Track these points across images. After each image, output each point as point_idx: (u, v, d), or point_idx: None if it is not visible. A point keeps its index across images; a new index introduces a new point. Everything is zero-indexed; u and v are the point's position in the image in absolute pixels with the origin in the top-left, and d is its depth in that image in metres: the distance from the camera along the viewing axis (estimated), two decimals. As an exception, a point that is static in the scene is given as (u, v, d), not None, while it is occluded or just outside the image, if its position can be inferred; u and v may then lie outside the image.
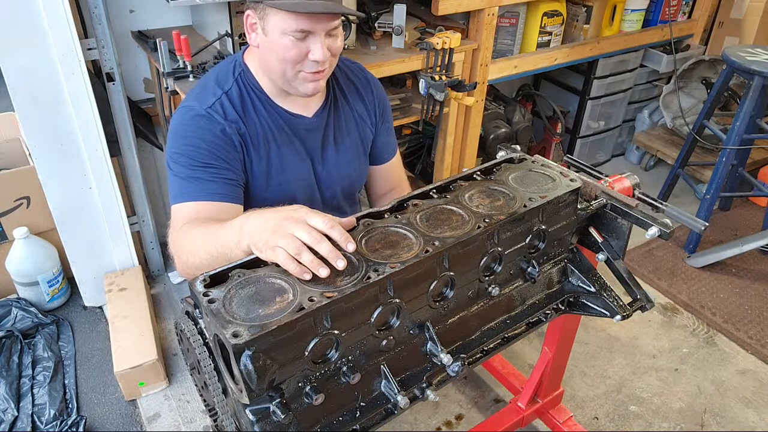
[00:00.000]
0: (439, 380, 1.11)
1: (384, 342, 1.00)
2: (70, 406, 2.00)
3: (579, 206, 1.25)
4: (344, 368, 0.95)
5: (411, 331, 1.05)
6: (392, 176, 1.70)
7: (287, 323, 0.83)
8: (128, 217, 2.31)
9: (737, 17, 3.41)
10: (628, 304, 1.30)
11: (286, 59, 1.27)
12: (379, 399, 1.04)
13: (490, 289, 1.16)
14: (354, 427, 1.02)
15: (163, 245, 2.58)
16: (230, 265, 0.95)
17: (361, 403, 1.03)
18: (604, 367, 2.21)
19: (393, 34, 2.28)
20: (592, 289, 1.33)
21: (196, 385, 1.07)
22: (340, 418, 1.01)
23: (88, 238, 2.26)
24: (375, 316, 0.95)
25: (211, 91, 1.36)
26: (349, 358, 0.96)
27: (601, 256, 1.30)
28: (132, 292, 2.29)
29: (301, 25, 1.22)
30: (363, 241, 1.01)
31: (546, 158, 1.34)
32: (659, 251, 2.85)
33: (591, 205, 1.27)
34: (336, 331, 0.90)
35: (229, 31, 1.98)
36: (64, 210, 2.15)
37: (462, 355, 1.11)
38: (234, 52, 2.01)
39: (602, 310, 1.31)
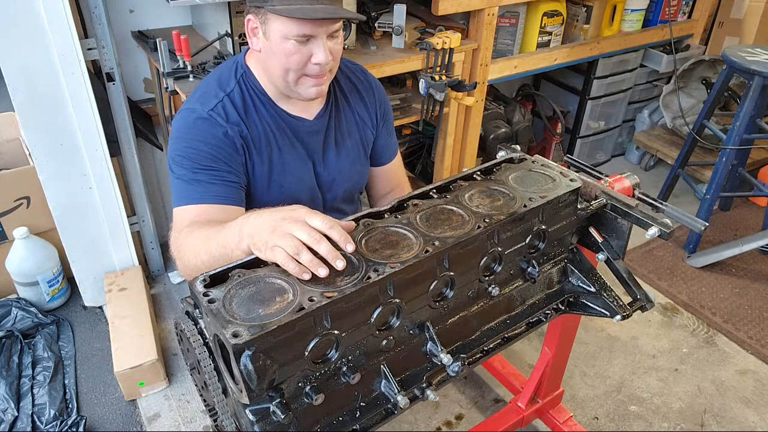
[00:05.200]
0: (439, 380, 1.11)
1: (384, 342, 1.00)
2: (70, 406, 2.00)
3: (579, 206, 1.25)
4: (344, 368, 0.95)
5: (411, 331, 1.05)
6: (393, 177, 1.70)
7: (287, 323, 0.83)
8: (128, 217, 2.31)
9: (737, 17, 3.41)
10: (628, 304, 1.30)
11: (289, 64, 1.27)
12: (379, 399, 1.04)
13: (490, 289, 1.16)
14: (354, 427, 1.02)
15: (163, 245, 2.58)
16: (230, 265, 0.95)
17: (361, 403, 1.03)
18: (604, 367, 2.21)
19: (393, 34, 2.28)
20: (592, 289, 1.33)
21: (196, 385, 1.07)
22: (340, 418, 1.01)
23: (88, 238, 2.26)
24: (375, 316, 0.95)
25: (213, 93, 1.36)
26: (349, 358, 0.96)
27: (601, 256, 1.30)
28: (132, 292, 2.29)
29: (303, 30, 1.22)
30: (363, 241, 1.01)
31: (546, 158, 1.34)
32: (659, 251, 2.85)
33: (591, 205, 1.27)
34: (336, 331, 0.90)
35: (229, 31, 1.98)
36: (64, 210, 2.15)
37: (462, 355, 1.11)
38: (234, 52, 2.01)
39: (602, 310, 1.31)
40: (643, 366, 2.22)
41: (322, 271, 0.91)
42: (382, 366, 1.03)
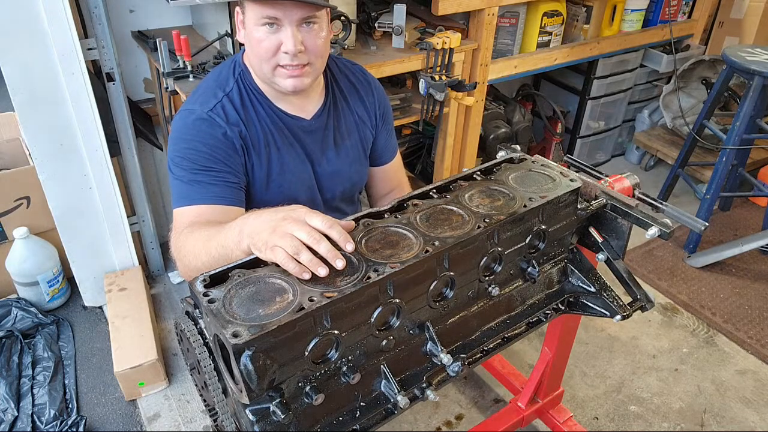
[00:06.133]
0: (439, 380, 1.11)
1: (384, 342, 1.00)
2: (70, 406, 2.00)
3: (579, 206, 1.25)
4: (344, 368, 0.95)
5: (411, 331, 1.05)
6: (393, 177, 1.70)
7: (287, 323, 0.83)
8: (128, 217, 2.31)
9: (737, 17, 3.41)
10: (628, 304, 1.30)
11: (261, 52, 1.27)
12: (379, 399, 1.04)
13: (490, 289, 1.16)
14: (354, 427, 1.02)
15: (163, 245, 2.58)
16: (230, 265, 0.95)
17: (361, 403, 1.03)
18: (604, 367, 2.21)
19: (393, 34, 2.28)
20: (592, 289, 1.33)
21: (196, 385, 1.07)
22: (340, 418, 1.01)
23: (88, 238, 2.26)
24: (375, 316, 0.95)
25: (212, 93, 1.36)
26: (349, 358, 0.96)
27: (601, 256, 1.30)
28: (132, 292, 2.29)
29: (268, 12, 1.22)
30: (363, 241, 1.01)
31: (546, 158, 1.34)
32: (659, 251, 2.85)
33: (591, 205, 1.27)
34: (336, 331, 0.90)
35: (229, 31, 1.98)
36: (64, 210, 2.15)
37: (462, 355, 1.11)
38: (234, 52, 2.01)
39: (602, 310, 1.31)
40: (643, 366, 2.22)
41: (322, 271, 0.91)
42: (382, 366, 1.03)
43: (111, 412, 2.00)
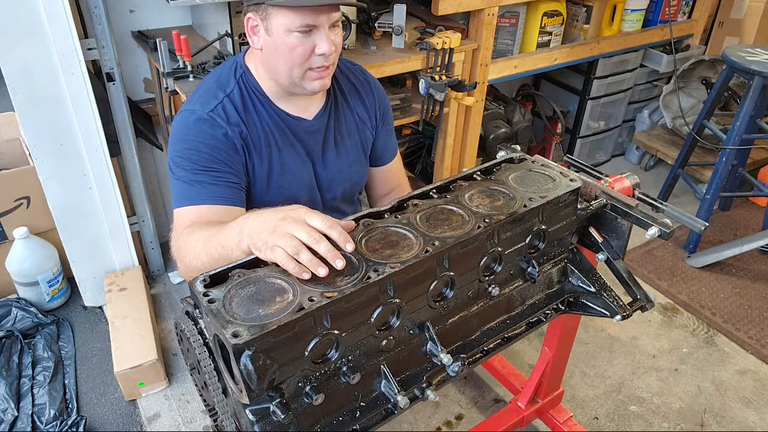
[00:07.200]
0: (439, 380, 1.11)
1: (384, 342, 1.00)
2: (70, 406, 2.00)
3: (579, 206, 1.25)
4: (344, 368, 0.95)
5: (411, 331, 1.05)
6: (393, 178, 1.70)
7: (287, 323, 0.83)
8: (128, 217, 2.31)
9: (737, 17, 3.41)
10: (628, 304, 1.30)
11: (294, 58, 1.27)
12: (379, 399, 1.04)
13: (490, 289, 1.16)
14: (354, 427, 1.02)
15: (163, 245, 2.58)
16: (230, 265, 0.95)
17: (361, 403, 1.03)
18: (604, 367, 2.21)
19: (393, 34, 2.28)
20: (592, 289, 1.33)
21: (196, 385, 1.07)
22: (340, 418, 1.01)
23: (88, 238, 2.26)
24: (375, 316, 0.95)
25: (213, 94, 1.36)
26: (349, 358, 0.96)
27: (601, 256, 1.30)
28: (132, 292, 2.29)
29: (306, 20, 1.22)
30: (363, 241, 1.01)
31: (546, 158, 1.34)
32: (659, 251, 2.85)
33: (591, 205, 1.27)
34: (336, 331, 0.90)
35: (229, 31, 1.98)
36: (64, 210, 2.15)
37: (462, 355, 1.11)
38: (234, 52, 2.01)
39: (602, 310, 1.31)
40: (643, 366, 2.22)
41: (322, 271, 0.91)
42: (382, 366, 1.03)
43: (111, 412, 2.00)
